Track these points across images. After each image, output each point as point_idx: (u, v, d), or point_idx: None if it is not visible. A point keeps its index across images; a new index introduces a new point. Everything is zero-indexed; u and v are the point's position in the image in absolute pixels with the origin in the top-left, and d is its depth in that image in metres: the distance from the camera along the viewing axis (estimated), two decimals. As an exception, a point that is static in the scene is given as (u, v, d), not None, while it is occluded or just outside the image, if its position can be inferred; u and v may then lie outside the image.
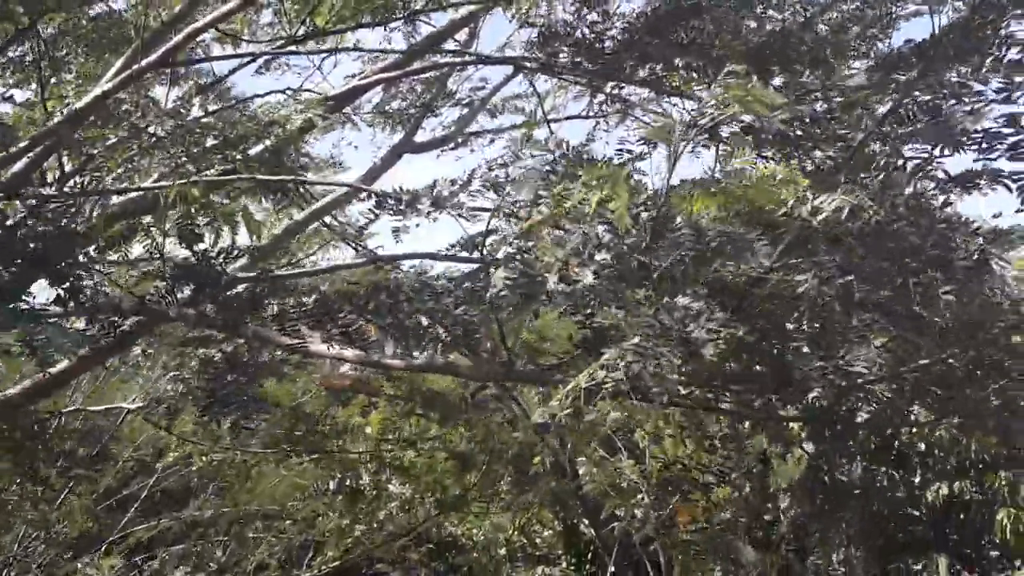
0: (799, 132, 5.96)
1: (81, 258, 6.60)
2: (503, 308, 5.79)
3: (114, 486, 13.85)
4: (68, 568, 11.84)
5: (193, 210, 7.08)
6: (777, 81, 9.72)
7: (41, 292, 6.71)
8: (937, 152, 5.89)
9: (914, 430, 13.49)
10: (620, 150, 9.66)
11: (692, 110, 8.57)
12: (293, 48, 9.54)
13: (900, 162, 5.99)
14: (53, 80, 9.67)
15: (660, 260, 5.13)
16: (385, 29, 9.66)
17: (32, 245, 6.64)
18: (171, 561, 13.65)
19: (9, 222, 6.68)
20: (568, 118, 11.16)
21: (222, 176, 8.33)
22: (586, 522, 16.77)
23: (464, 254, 7.83)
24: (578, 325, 6.23)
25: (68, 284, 6.29)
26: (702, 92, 9.70)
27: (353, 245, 12.26)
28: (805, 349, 5.52)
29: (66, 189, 8.15)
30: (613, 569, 16.17)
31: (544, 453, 13.44)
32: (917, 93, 6.12)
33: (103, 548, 13.20)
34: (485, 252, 6.71)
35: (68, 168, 8.86)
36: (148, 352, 10.76)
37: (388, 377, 11.22)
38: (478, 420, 12.42)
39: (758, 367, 6.07)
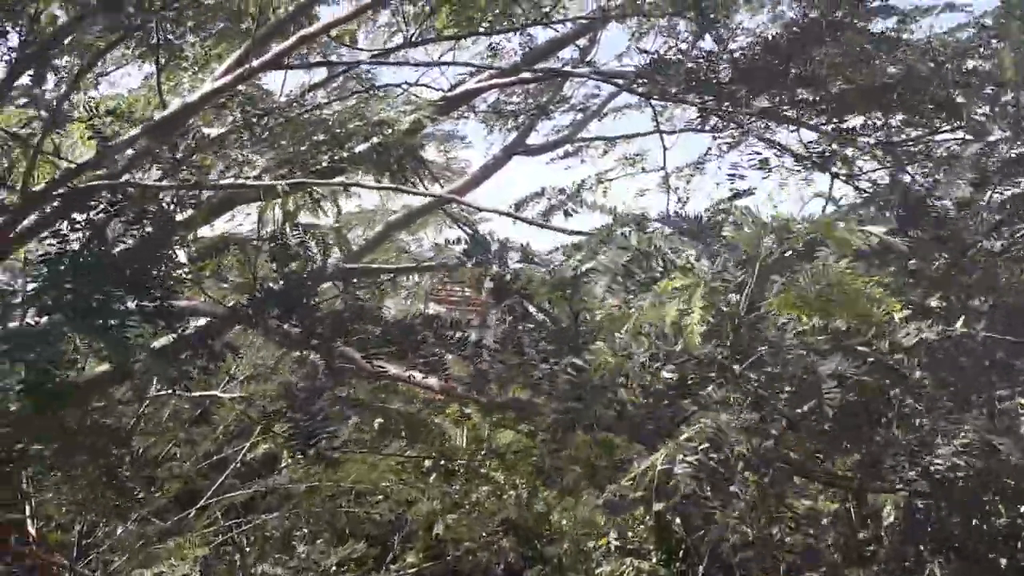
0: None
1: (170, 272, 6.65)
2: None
3: (212, 449, 14.09)
4: (158, 537, 12.06)
5: (288, 227, 7.14)
6: (900, 117, 9.45)
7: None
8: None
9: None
10: (732, 175, 9.54)
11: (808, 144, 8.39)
12: (404, 57, 9.53)
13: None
14: (171, 63, 9.76)
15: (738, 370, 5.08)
16: (501, 36, 9.60)
17: (120, 250, 6.73)
18: (263, 529, 13.84)
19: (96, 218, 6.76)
20: (683, 130, 10.94)
21: (324, 179, 8.40)
22: (678, 521, 16.63)
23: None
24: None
25: (157, 302, 6.34)
26: (821, 124, 9.51)
27: (468, 232, 12.26)
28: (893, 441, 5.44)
29: (167, 182, 8.23)
30: (703, 570, 16.05)
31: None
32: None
33: (195, 511, 13.44)
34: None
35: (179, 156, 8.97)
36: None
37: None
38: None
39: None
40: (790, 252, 5.10)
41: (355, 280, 7.68)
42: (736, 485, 5.12)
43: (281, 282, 6.83)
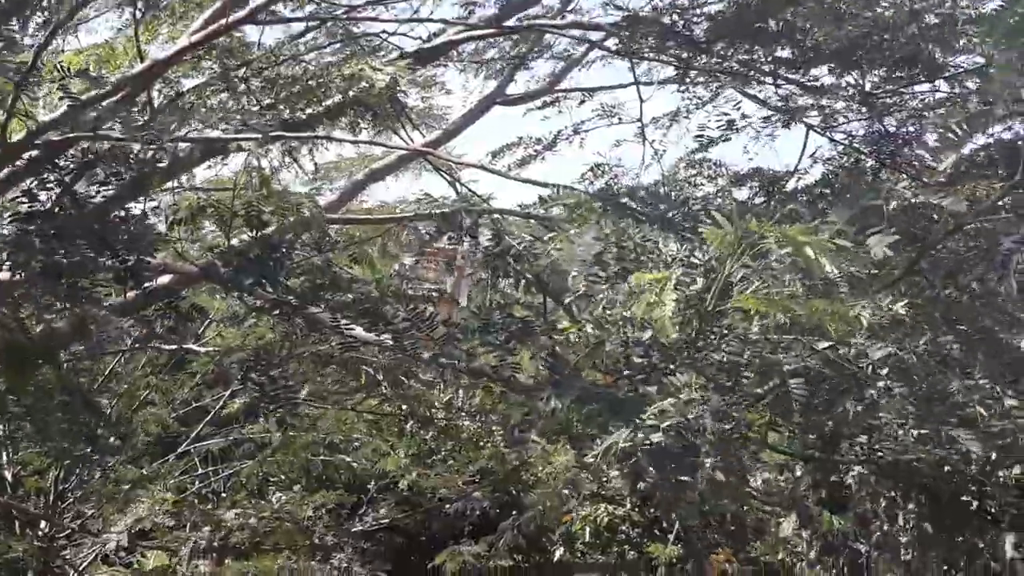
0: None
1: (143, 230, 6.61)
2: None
3: (189, 397, 14.12)
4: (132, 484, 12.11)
5: (263, 193, 7.14)
6: (876, 73, 9.49)
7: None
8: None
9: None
10: (700, 136, 9.56)
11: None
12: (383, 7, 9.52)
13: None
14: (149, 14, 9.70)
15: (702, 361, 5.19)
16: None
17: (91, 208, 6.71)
18: (239, 476, 13.94)
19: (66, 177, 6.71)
20: (662, 82, 10.91)
21: (300, 132, 8.41)
22: (651, 469, 16.77)
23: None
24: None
25: (130, 265, 6.30)
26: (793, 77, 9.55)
27: (447, 179, 12.28)
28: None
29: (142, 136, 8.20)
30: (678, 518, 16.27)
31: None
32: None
33: (173, 457, 13.52)
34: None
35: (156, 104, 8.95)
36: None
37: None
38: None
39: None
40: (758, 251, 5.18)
41: (330, 240, 7.67)
42: (693, 463, 5.24)
43: (254, 249, 6.81)
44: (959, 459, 5.97)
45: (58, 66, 7.25)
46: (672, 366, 5.32)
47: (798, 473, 14.78)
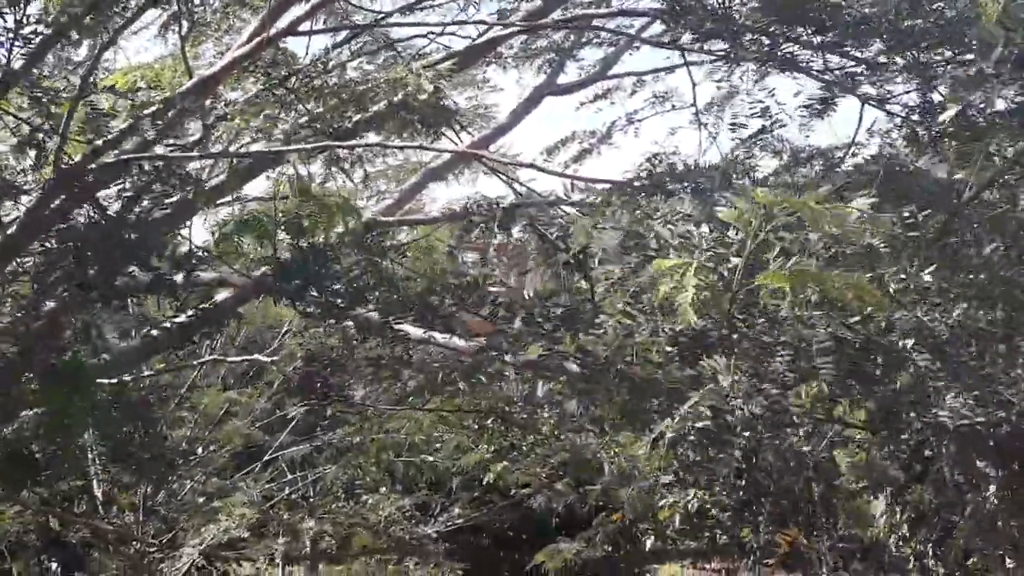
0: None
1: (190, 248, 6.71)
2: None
3: (269, 407, 14.31)
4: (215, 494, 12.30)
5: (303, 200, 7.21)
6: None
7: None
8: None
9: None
10: (733, 126, 9.44)
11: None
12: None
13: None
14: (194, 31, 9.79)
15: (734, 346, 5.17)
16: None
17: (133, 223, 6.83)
18: (325, 480, 14.09)
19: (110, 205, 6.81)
20: (712, 61, 10.72)
21: (348, 140, 8.46)
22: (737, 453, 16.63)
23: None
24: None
25: (159, 278, 6.43)
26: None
27: (504, 179, 12.27)
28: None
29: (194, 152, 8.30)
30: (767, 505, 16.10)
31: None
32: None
33: (258, 466, 13.71)
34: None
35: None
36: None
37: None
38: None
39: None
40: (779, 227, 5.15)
41: (377, 242, 7.72)
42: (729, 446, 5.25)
43: (297, 255, 6.90)
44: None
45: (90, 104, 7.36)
46: (706, 349, 5.29)
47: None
